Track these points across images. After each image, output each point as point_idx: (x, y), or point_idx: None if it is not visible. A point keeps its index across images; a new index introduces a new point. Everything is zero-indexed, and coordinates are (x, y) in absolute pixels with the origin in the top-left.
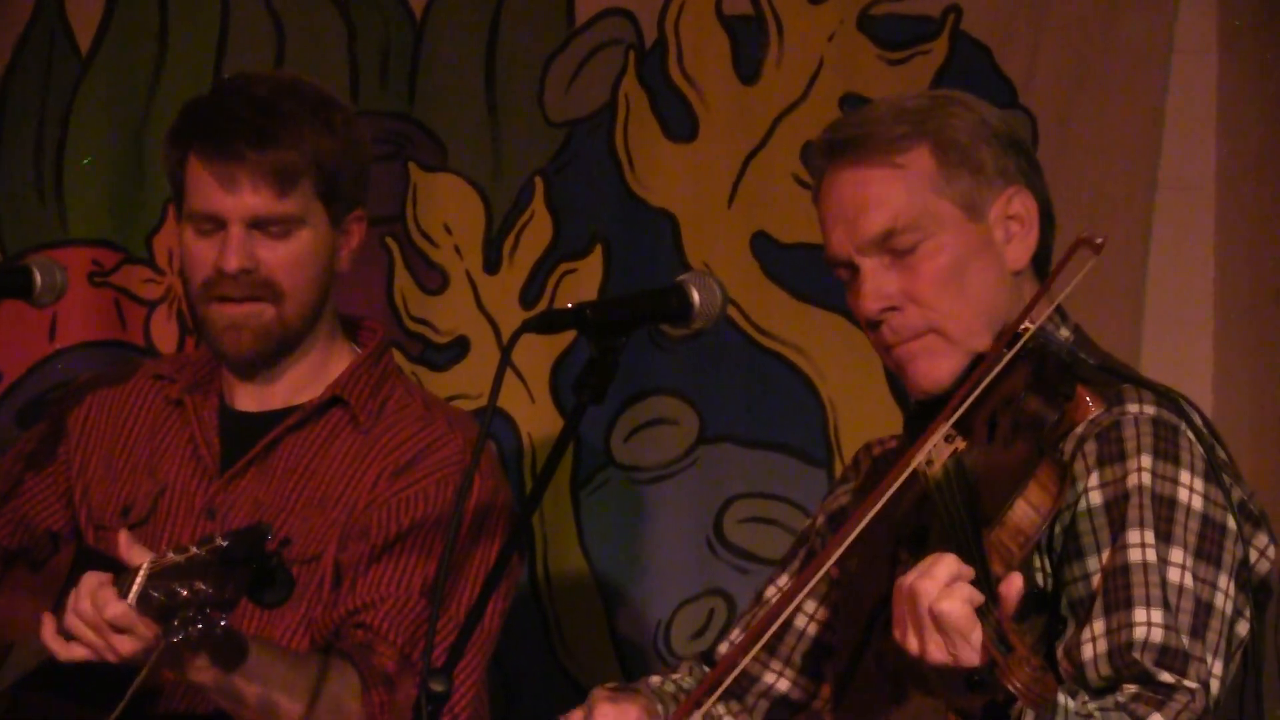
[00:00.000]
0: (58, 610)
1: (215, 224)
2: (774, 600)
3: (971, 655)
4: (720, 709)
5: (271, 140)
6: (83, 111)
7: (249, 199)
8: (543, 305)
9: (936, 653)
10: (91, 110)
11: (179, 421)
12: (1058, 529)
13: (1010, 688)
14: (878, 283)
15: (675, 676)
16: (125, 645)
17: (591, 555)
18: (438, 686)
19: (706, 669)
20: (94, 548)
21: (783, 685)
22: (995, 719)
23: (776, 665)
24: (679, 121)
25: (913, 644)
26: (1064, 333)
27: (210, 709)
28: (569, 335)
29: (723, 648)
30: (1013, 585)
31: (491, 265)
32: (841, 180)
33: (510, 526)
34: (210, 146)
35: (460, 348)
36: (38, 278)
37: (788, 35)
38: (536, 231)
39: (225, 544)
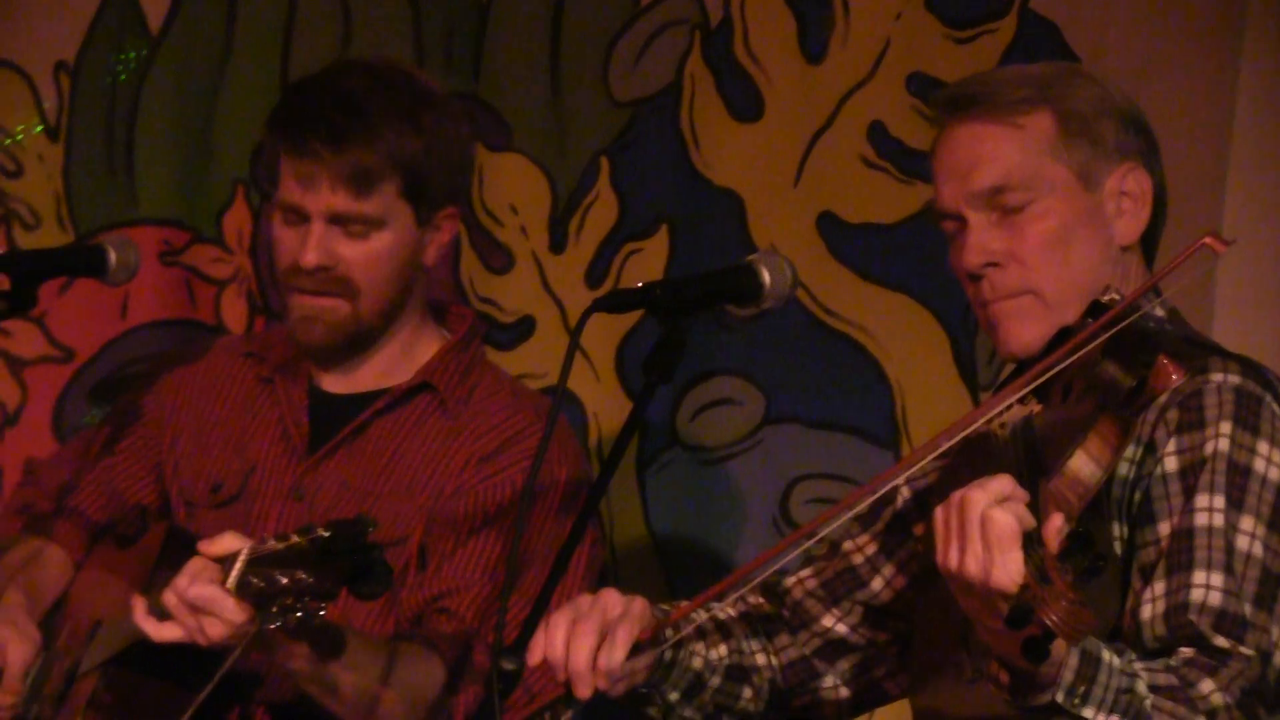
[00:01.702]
0: (148, 590)
1: (299, 216)
2: (857, 560)
3: (1005, 576)
4: (762, 644)
5: (348, 141)
6: (153, 92)
7: (328, 198)
8: (608, 285)
9: (973, 565)
10: (161, 91)
11: (268, 400)
12: (1136, 495)
13: (1047, 620)
14: (982, 237)
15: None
16: (217, 629)
17: (656, 535)
18: (509, 665)
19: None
20: (185, 528)
21: (841, 629)
22: (1036, 657)
23: (838, 611)
24: (744, 101)
25: (952, 557)
26: (1159, 311)
27: (295, 695)
28: (635, 315)
29: (789, 581)
30: (1053, 523)
31: (557, 245)
32: (959, 134)
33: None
34: (290, 143)
35: (525, 327)
36: (112, 256)
37: (854, 14)
38: (602, 211)
39: (327, 535)
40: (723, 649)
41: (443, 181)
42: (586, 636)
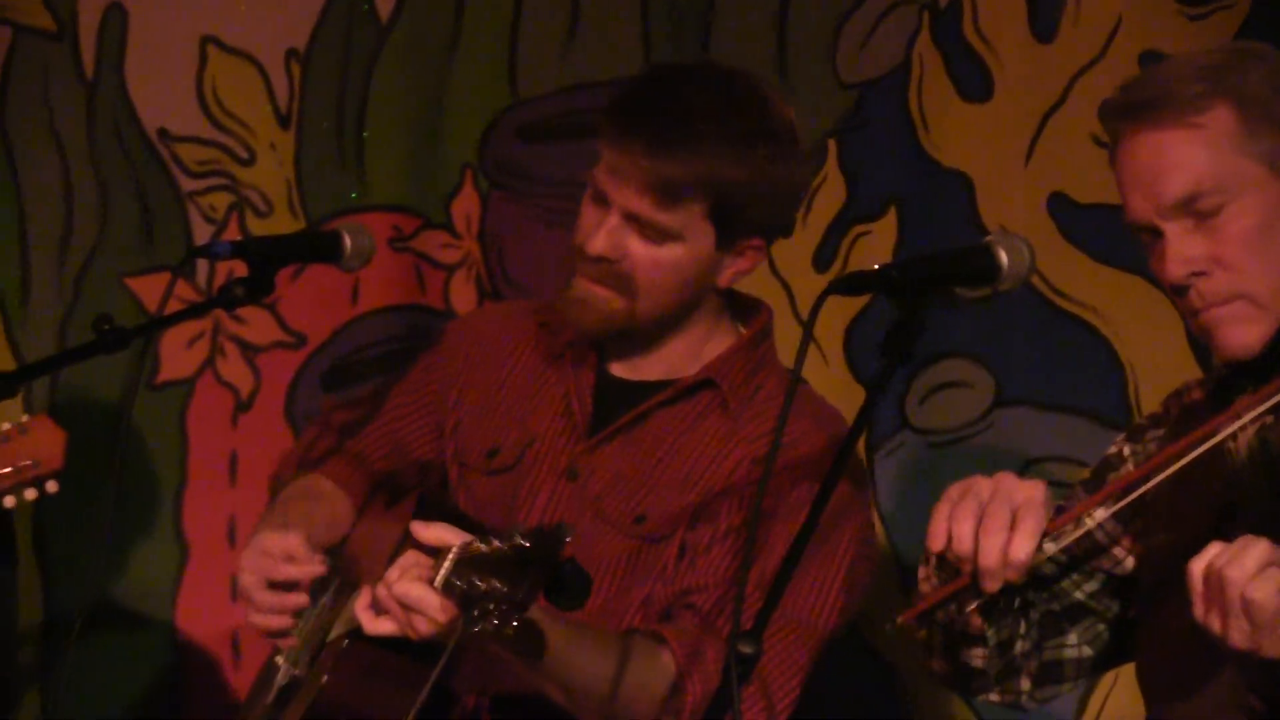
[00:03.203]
0: (391, 562)
1: (603, 200)
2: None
3: (1275, 648)
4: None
5: (666, 153)
6: (382, 79)
7: (632, 199)
8: (836, 268)
9: (1239, 638)
10: (391, 78)
11: (556, 375)
12: None
13: None
14: (1182, 247)
15: None
16: (425, 627)
17: (887, 519)
18: (746, 648)
19: None
20: (435, 500)
21: (1079, 595)
22: None
23: (1078, 577)
24: (974, 81)
25: (1215, 625)
26: None
27: (523, 687)
28: (862, 298)
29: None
30: None
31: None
32: (1139, 144)
33: (861, 515)
34: (614, 133)
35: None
36: (347, 242)
37: None
38: (829, 194)
39: (526, 544)
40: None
41: (757, 215)
42: (998, 532)
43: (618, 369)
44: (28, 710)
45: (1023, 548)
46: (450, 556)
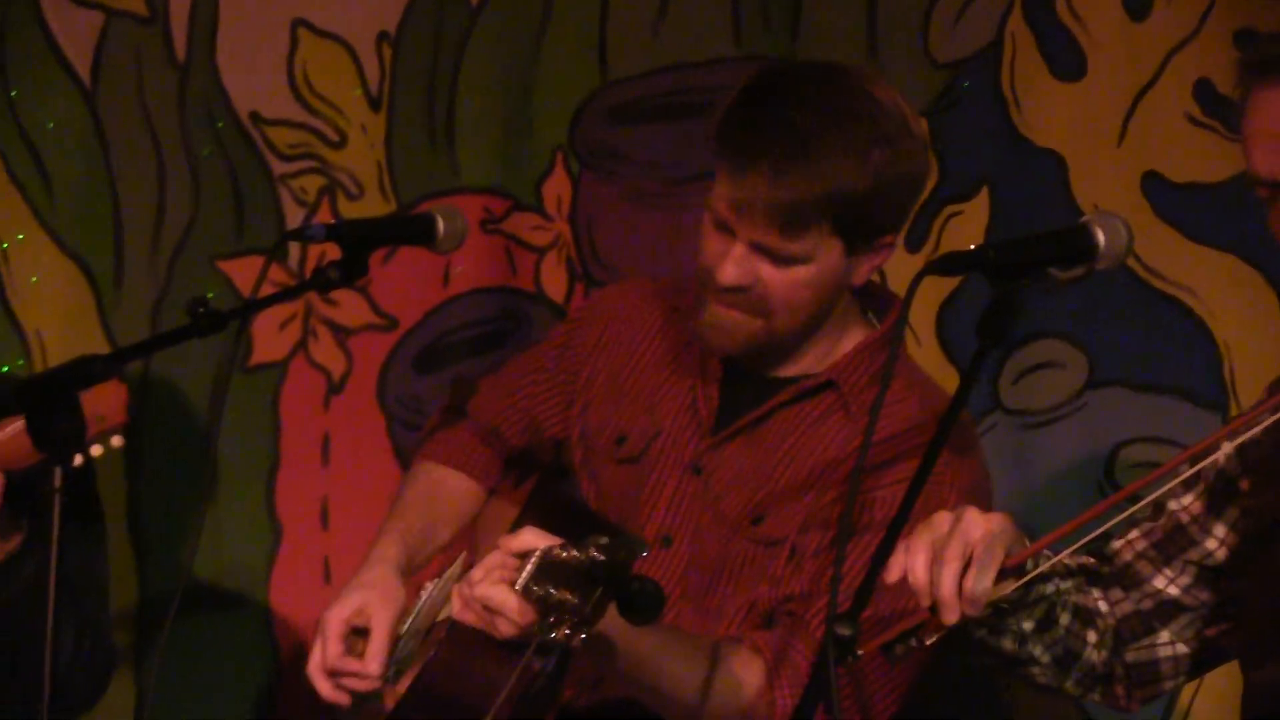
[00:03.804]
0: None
1: (726, 228)
2: (1184, 519)
3: None
4: (1102, 593)
5: (788, 181)
6: (473, 61)
7: (758, 231)
8: (928, 248)
9: None
10: (482, 59)
11: (684, 365)
12: None
13: None
14: None
15: None
16: (505, 628)
17: None
18: (844, 630)
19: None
20: (552, 486)
21: (1173, 590)
22: None
23: (1170, 572)
24: (1066, 60)
25: None
26: None
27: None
28: (955, 279)
29: (1117, 544)
30: None
31: None
32: (1270, 99)
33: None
34: (731, 166)
35: None
36: (440, 225)
37: None
38: None
39: (601, 559)
40: (1068, 583)
41: (882, 218)
42: (951, 562)
43: (745, 364)
44: (122, 691)
45: (978, 581)
46: (534, 560)
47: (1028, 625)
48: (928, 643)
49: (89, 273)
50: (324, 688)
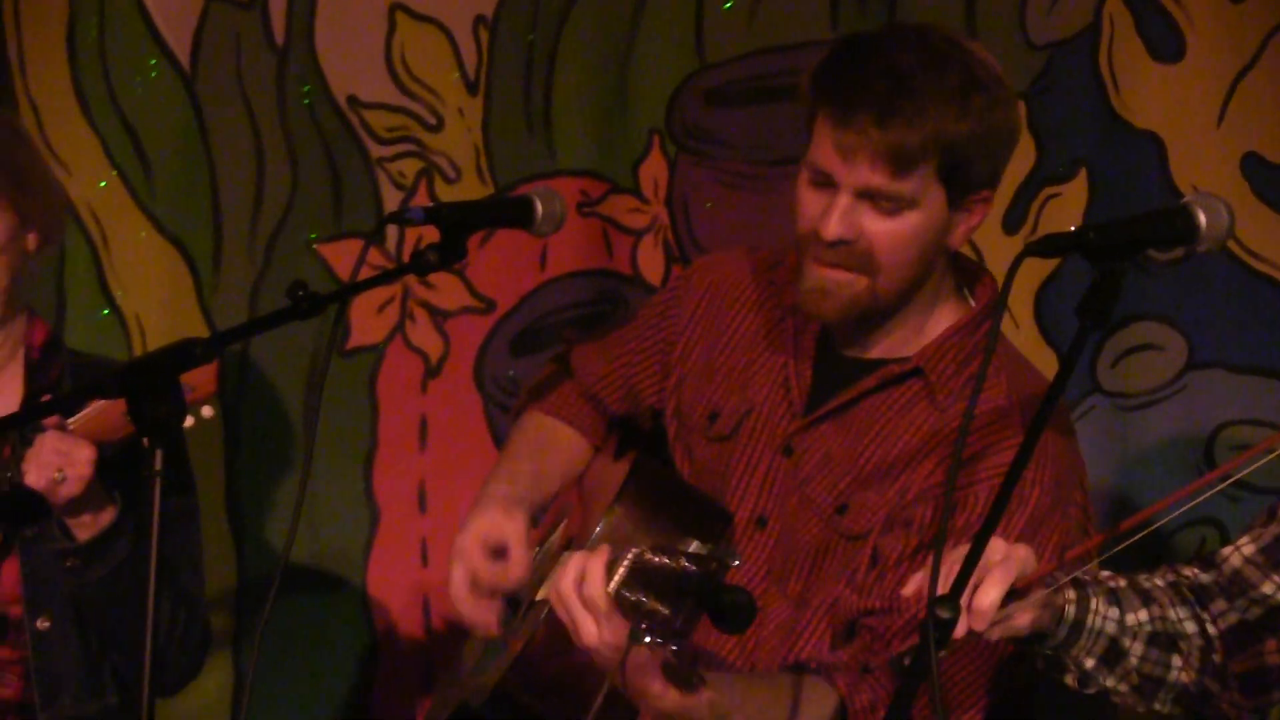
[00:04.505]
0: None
1: (827, 182)
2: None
3: None
4: (1192, 611)
5: (895, 119)
6: (569, 44)
7: (864, 174)
8: (1026, 230)
9: None
10: (578, 42)
11: (777, 342)
12: None
13: None
14: None
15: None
16: (589, 631)
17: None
18: (944, 613)
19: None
20: (649, 466)
21: None
22: None
23: (1279, 578)
24: (1165, 41)
25: None
26: None
27: None
28: (1053, 261)
29: (1225, 550)
30: None
31: None
32: None
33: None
34: (836, 111)
35: None
36: (539, 207)
37: None
38: (1019, 156)
39: (692, 569)
40: (1143, 614)
41: (982, 166)
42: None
43: (840, 342)
44: (220, 674)
45: (983, 595)
46: (624, 565)
47: (1089, 663)
48: (940, 653)
49: (188, 256)
50: (468, 609)
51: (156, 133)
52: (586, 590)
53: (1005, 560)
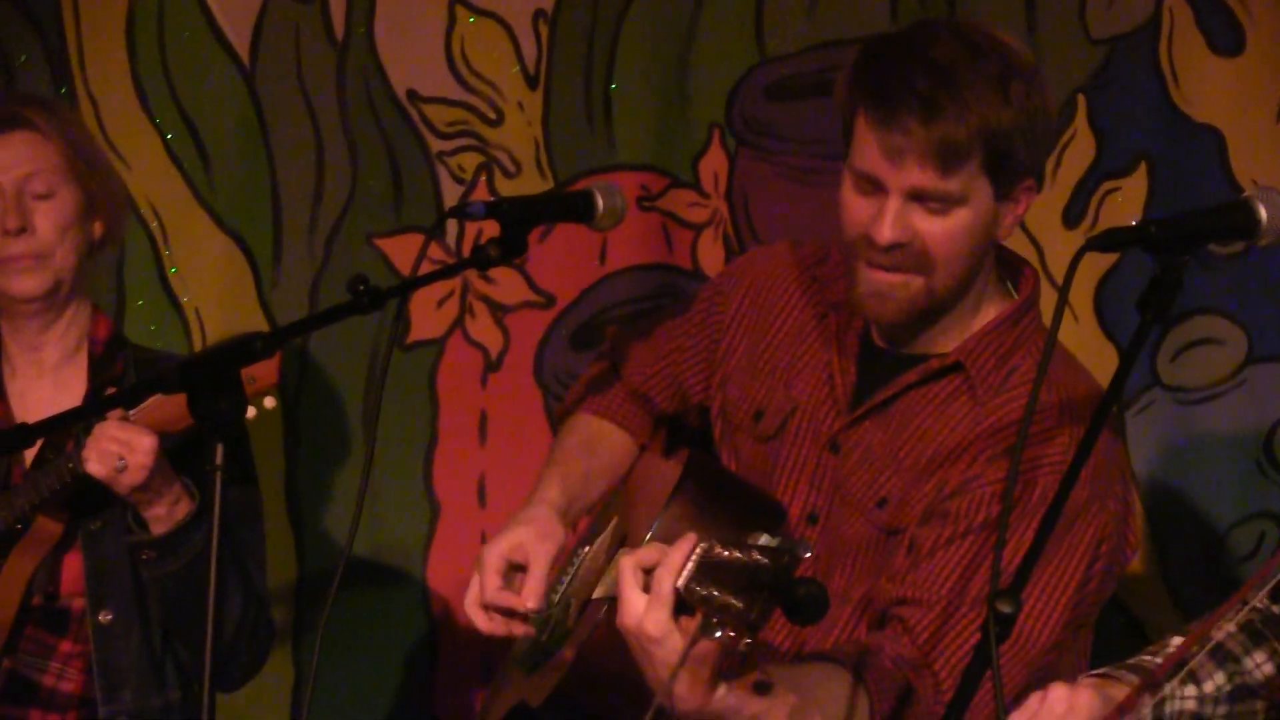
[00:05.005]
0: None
1: (875, 186)
2: None
3: None
4: (1269, 652)
5: (941, 116)
6: (629, 39)
7: (913, 174)
8: (1086, 225)
9: None
10: (638, 37)
11: (820, 337)
12: None
13: None
14: None
15: None
16: (660, 654)
17: (1138, 478)
18: (1005, 607)
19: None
20: (703, 463)
21: None
22: None
23: None
24: (1225, 35)
25: None
26: None
27: None
28: (1113, 255)
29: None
30: None
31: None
32: None
33: (1102, 519)
34: (878, 113)
35: None
36: (600, 202)
37: None
38: (1078, 150)
39: (765, 562)
40: (1220, 677)
41: (1025, 155)
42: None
43: (880, 337)
44: (281, 668)
45: None
46: (692, 560)
47: None
48: None
49: (248, 251)
50: (481, 620)
51: (216, 128)
52: (657, 576)
53: (1073, 708)
